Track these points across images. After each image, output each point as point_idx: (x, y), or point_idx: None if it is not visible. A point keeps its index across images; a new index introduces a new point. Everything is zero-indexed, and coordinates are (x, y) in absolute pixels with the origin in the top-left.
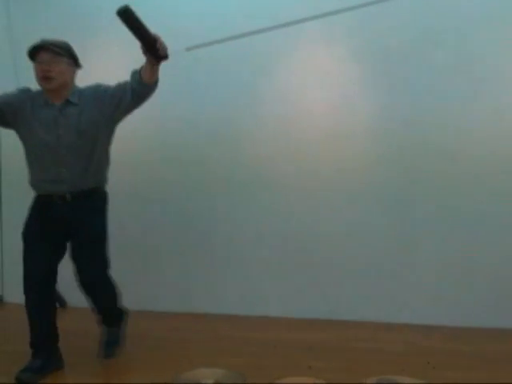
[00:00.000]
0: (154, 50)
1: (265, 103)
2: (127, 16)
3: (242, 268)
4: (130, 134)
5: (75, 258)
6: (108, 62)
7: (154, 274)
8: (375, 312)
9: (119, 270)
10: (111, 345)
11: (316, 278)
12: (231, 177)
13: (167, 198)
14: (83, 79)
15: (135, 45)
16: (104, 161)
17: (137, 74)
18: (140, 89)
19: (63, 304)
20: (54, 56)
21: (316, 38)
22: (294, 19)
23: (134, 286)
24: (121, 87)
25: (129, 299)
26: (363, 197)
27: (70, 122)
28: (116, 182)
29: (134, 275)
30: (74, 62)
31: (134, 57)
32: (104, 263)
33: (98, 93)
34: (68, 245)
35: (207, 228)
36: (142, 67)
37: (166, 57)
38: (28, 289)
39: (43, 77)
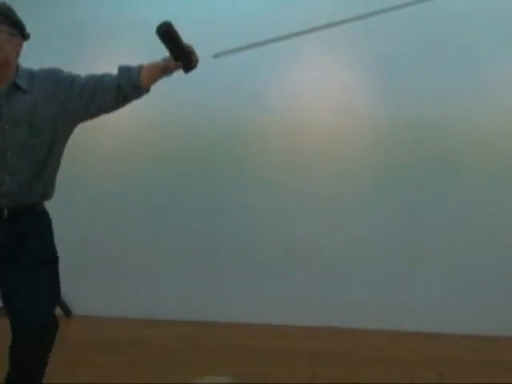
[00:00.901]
0: (188, 62)
1: (271, 111)
2: (170, 34)
3: (247, 276)
4: (131, 142)
5: (11, 298)
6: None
7: (158, 282)
8: (381, 320)
9: (123, 277)
10: None
11: (321, 286)
12: (236, 185)
13: (171, 206)
14: None
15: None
16: (56, 170)
17: (134, 75)
18: (132, 93)
19: (68, 313)
20: None
21: (320, 46)
22: (317, 24)
23: (139, 294)
24: (99, 82)
25: (133, 307)
26: (368, 205)
27: (18, 114)
28: (119, 189)
29: (138, 283)
30: (19, 33)
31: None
32: (53, 301)
33: (60, 82)
34: None
35: (212, 236)
36: (142, 68)
37: (196, 66)
38: None
39: None
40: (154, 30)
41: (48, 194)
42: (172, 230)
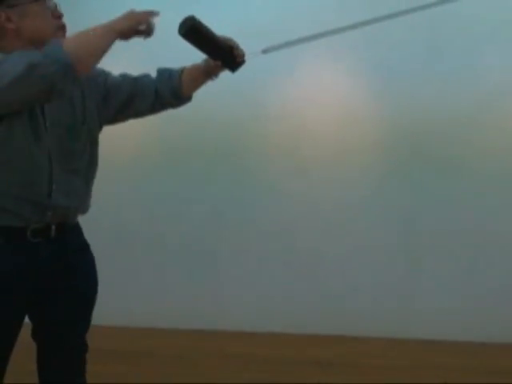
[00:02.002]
0: (230, 59)
1: (271, 118)
2: (195, 32)
3: (248, 284)
4: (130, 150)
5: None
6: None
7: (160, 290)
8: (384, 327)
9: (126, 286)
10: None
11: (324, 294)
12: (237, 192)
13: (172, 213)
14: None
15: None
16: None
17: (175, 80)
18: (171, 100)
19: None
20: None
21: (321, 52)
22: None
23: (141, 303)
24: (136, 84)
25: (135, 316)
26: (369, 212)
27: (68, 110)
28: (122, 196)
29: (140, 292)
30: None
31: None
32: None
33: (96, 77)
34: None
35: (213, 244)
36: (184, 71)
37: (243, 62)
38: None
39: (62, 26)
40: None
41: (87, 208)
42: (173, 238)
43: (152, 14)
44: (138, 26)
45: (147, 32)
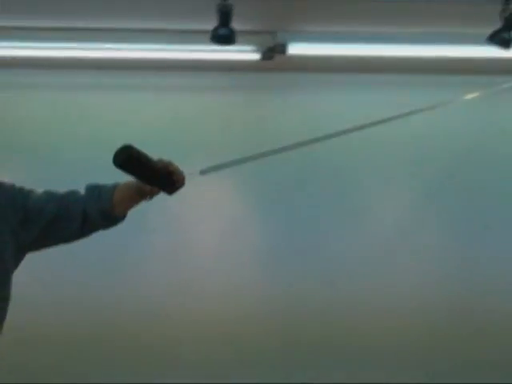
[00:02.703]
0: (169, 184)
1: (153, 231)
2: (132, 162)
3: None
4: None
5: None
6: None
7: None
8: None
9: None
10: None
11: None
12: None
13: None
14: None
15: None
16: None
17: (105, 200)
18: (102, 222)
19: None
20: None
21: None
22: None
23: None
24: (61, 205)
25: None
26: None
27: None
28: None
29: None
30: None
31: None
32: None
33: (15, 198)
34: None
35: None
36: (116, 189)
37: (183, 185)
38: None
39: None
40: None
41: None
42: None
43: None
44: None
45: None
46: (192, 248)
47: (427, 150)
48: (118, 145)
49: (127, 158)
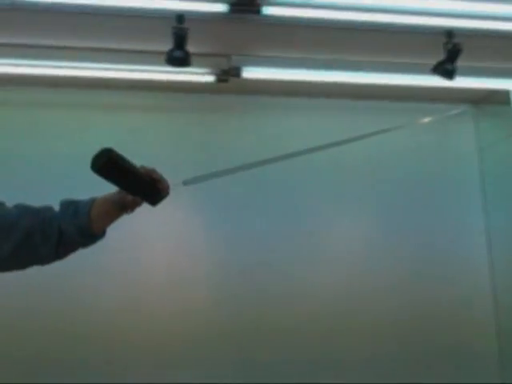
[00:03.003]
0: (153, 193)
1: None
2: (112, 167)
3: None
4: None
5: None
6: None
7: None
8: None
9: None
10: None
11: None
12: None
13: None
14: None
15: None
16: None
17: (82, 216)
18: (79, 240)
19: None
20: None
21: None
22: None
23: None
24: (34, 221)
25: None
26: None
27: None
28: None
29: None
30: None
31: None
32: None
33: None
34: None
35: None
36: (94, 204)
37: (167, 195)
38: None
39: None
40: None
41: None
42: None
43: None
44: None
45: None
46: (142, 266)
47: (377, 172)
48: (67, 162)
49: (107, 162)
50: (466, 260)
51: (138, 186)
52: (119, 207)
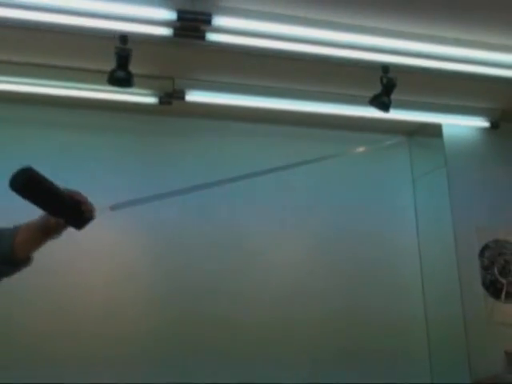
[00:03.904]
0: (77, 216)
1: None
2: (33, 187)
3: None
4: None
5: None
6: None
7: None
8: None
9: None
10: None
11: None
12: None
13: None
14: None
15: None
16: None
17: (4, 244)
18: (2, 268)
19: None
20: None
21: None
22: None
23: None
24: None
25: None
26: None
27: None
28: None
29: None
30: None
31: None
32: None
33: None
34: None
35: None
36: (18, 231)
37: (92, 218)
38: None
39: None
40: None
41: None
42: None
43: None
44: None
45: None
46: (82, 291)
47: (317, 197)
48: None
49: (27, 181)
50: (401, 279)
51: (61, 206)
52: (43, 231)
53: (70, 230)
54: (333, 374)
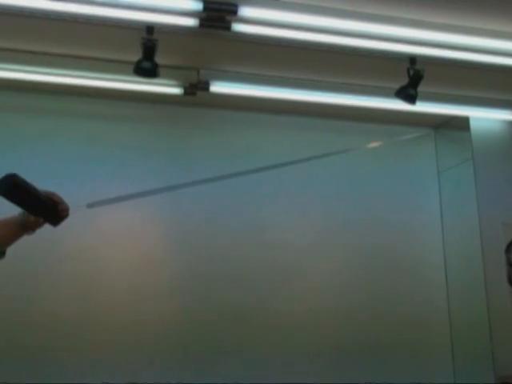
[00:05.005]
0: (53, 214)
1: (66, 260)
2: (17, 190)
3: None
4: None
5: None
6: None
7: None
8: None
9: None
10: None
11: None
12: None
13: None
14: None
15: None
16: None
17: None
18: None
19: None
20: None
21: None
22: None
23: None
24: None
25: None
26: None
27: None
28: None
29: None
30: None
31: None
32: None
33: None
34: None
35: None
36: None
37: (67, 216)
38: None
39: None
40: None
41: None
42: None
43: None
44: None
45: None
46: (104, 277)
47: (341, 189)
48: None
49: (12, 186)
50: (425, 272)
51: (41, 207)
52: (22, 227)
53: (95, 219)
54: (356, 364)
